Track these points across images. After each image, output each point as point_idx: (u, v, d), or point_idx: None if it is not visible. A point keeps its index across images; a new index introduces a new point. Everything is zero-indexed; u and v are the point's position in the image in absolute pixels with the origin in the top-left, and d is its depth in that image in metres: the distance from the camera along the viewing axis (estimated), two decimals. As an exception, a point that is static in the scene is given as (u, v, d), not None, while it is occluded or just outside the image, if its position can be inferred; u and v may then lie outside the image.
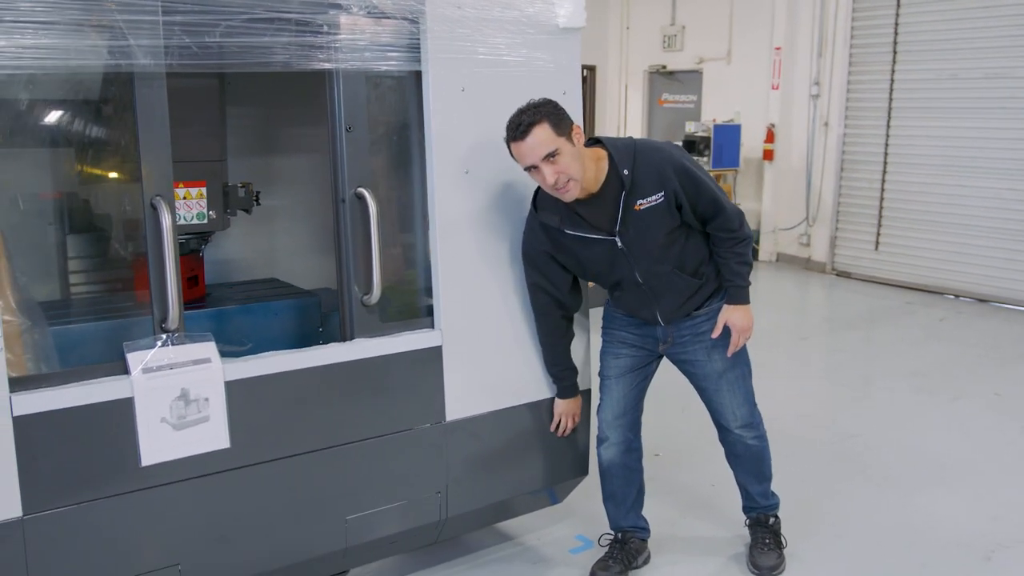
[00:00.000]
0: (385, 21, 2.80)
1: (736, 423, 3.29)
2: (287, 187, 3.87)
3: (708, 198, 2.98)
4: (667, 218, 2.97)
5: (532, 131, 2.74)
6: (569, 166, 2.79)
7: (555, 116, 2.78)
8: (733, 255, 3.07)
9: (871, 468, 4.50)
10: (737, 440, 3.33)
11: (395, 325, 2.95)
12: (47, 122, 3.12)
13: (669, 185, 2.92)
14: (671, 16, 11.44)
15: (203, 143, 3.06)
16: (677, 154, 3.00)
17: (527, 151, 2.77)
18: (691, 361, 3.22)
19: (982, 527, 3.87)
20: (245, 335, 3.17)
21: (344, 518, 2.87)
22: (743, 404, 3.27)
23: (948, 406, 5.53)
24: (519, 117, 2.78)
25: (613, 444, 3.33)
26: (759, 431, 3.36)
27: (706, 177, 3.00)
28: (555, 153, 2.76)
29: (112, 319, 2.96)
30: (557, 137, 2.76)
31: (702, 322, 3.16)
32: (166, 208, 2.44)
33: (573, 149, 2.81)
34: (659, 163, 2.93)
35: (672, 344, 3.20)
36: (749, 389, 3.29)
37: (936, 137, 8.71)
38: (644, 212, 2.94)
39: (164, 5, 2.37)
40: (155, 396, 2.44)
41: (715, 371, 3.21)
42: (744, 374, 3.27)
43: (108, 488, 2.42)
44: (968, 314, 8.05)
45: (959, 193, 8.52)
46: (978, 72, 8.29)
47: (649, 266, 3.03)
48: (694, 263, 3.10)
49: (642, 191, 2.92)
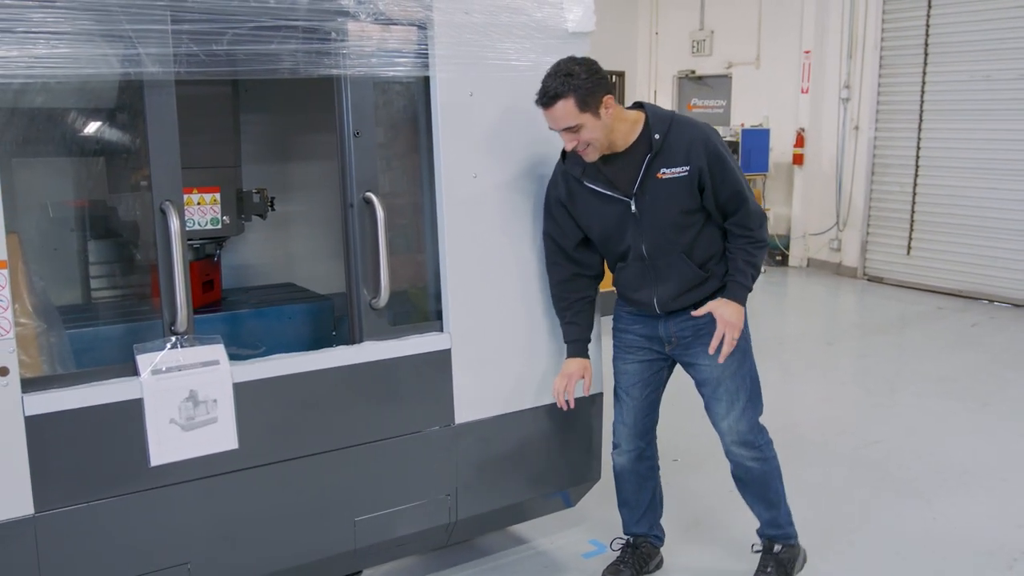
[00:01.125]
0: (393, 27, 2.83)
1: (730, 438, 3.14)
2: (303, 193, 3.92)
3: (732, 189, 2.92)
4: (687, 195, 2.91)
5: (556, 103, 2.76)
6: (589, 137, 2.81)
7: (583, 90, 2.75)
8: (743, 252, 2.99)
9: (894, 474, 4.44)
10: (735, 460, 3.19)
11: (404, 328, 2.98)
12: (68, 131, 3.20)
13: (696, 161, 2.88)
14: (700, 21, 11.40)
15: (217, 149, 3.12)
16: (713, 136, 2.95)
17: (551, 118, 2.82)
18: (693, 364, 3.14)
19: (1006, 535, 3.80)
20: (259, 339, 3.21)
21: (353, 520, 2.89)
22: (741, 418, 3.10)
23: (975, 413, 5.43)
24: (549, 82, 2.77)
25: (624, 451, 3.33)
26: (761, 452, 3.16)
27: (736, 169, 2.95)
28: (576, 128, 2.79)
29: (127, 322, 3.02)
30: (581, 114, 2.76)
31: (704, 325, 3.05)
32: (174, 212, 2.49)
33: (598, 122, 2.80)
34: (692, 137, 2.89)
35: (676, 345, 3.13)
36: (751, 404, 3.11)
37: (969, 140, 8.58)
38: (666, 182, 2.90)
39: (173, 14, 2.42)
40: (164, 397, 2.48)
41: (713, 376, 3.09)
42: (746, 386, 3.10)
43: (118, 488, 2.47)
44: (1001, 319, 7.91)
45: (992, 196, 8.38)
46: (1012, 73, 8.16)
47: (657, 241, 2.97)
48: (704, 255, 3.01)
49: (668, 160, 2.89)
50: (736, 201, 2.95)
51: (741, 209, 2.96)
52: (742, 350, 3.07)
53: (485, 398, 3.13)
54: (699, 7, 11.38)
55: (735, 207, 2.96)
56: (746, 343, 3.11)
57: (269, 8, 2.57)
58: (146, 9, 2.38)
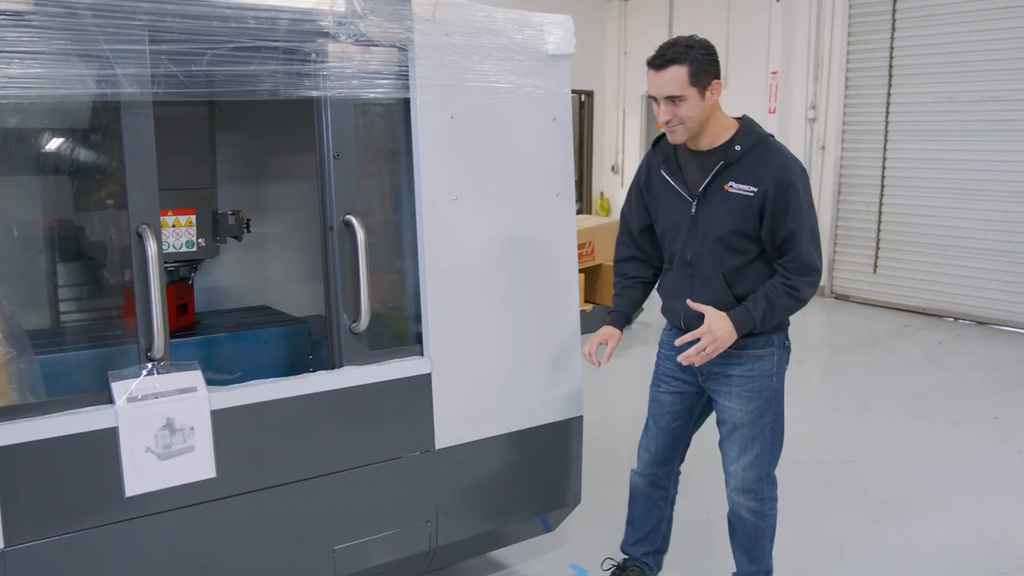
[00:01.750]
0: (373, 49, 2.80)
1: (735, 483, 3.06)
2: (279, 214, 3.87)
3: (791, 228, 2.79)
4: (746, 217, 2.83)
5: (670, 68, 2.75)
6: (687, 115, 2.79)
7: (699, 64, 2.75)
8: (772, 289, 2.83)
9: (867, 493, 4.46)
10: (732, 505, 3.11)
11: (384, 352, 2.94)
12: (37, 150, 3.13)
13: (765, 186, 2.80)
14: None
15: (192, 171, 3.07)
16: (794, 169, 2.84)
17: (658, 82, 2.79)
18: (716, 401, 3.06)
19: (983, 554, 3.83)
20: (234, 363, 3.15)
21: (332, 548, 2.84)
22: (750, 467, 3.01)
23: (946, 430, 5.49)
24: (667, 48, 2.77)
25: (639, 474, 3.33)
26: (762, 507, 3.05)
27: (807, 213, 2.82)
28: (680, 98, 2.77)
29: (99, 348, 2.95)
30: (689, 86, 2.75)
31: (733, 365, 2.95)
32: (151, 236, 2.44)
33: (701, 103, 2.79)
34: (771, 162, 2.83)
35: (707, 377, 3.04)
36: (765, 454, 3.00)
37: (933, 160, 8.74)
38: (730, 195, 2.85)
39: (151, 35, 2.38)
40: (140, 425, 2.42)
41: (732, 419, 3.00)
42: (764, 436, 2.98)
43: (92, 519, 2.40)
44: (967, 337, 8.03)
45: (957, 215, 8.53)
46: (974, 95, 8.33)
47: (704, 252, 2.91)
48: (744, 288, 2.90)
49: (740, 175, 2.84)
50: (791, 243, 2.81)
51: (793, 251, 2.82)
52: (767, 399, 2.97)
53: (465, 423, 3.10)
54: (667, 27, 11.48)
55: (788, 248, 2.83)
56: (776, 394, 3.00)
57: (249, 29, 2.53)
58: (124, 29, 2.33)
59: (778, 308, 2.84)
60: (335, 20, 2.71)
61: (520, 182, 3.16)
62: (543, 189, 3.24)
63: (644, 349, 7.29)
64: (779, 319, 2.90)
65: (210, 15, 2.46)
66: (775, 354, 2.99)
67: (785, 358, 3.05)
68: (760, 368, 2.98)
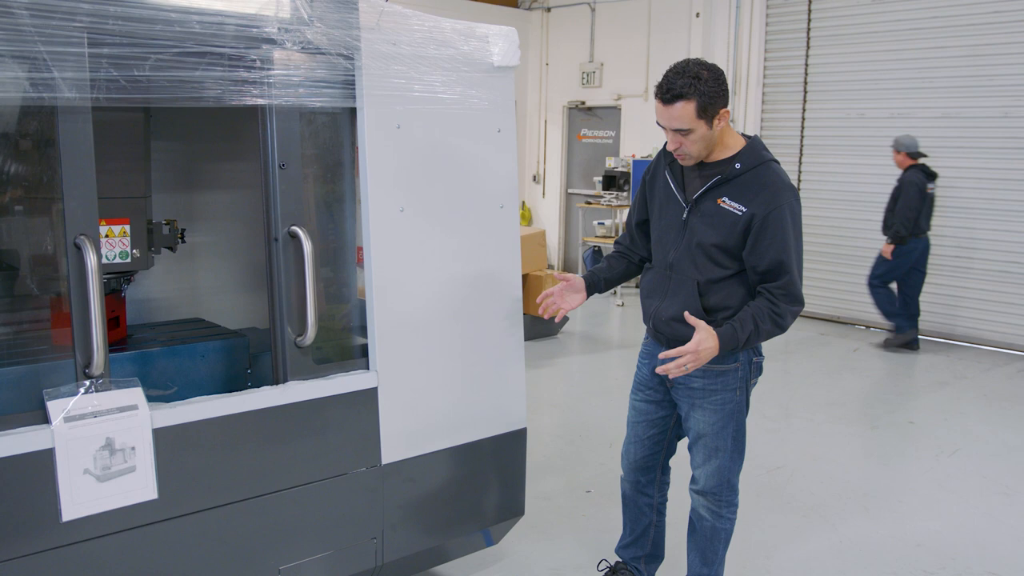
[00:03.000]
0: (319, 57, 2.75)
1: (695, 485, 3.14)
2: (209, 223, 3.75)
3: (779, 257, 2.80)
4: (731, 234, 2.85)
5: (676, 104, 2.76)
6: (693, 146, 2.83)
7: (707, 98, 2.74)
8: (758, 312, 2.82)
9: (799, 499, 4.57)
10: (694, 504, 3.18)
11: (330, 367, 2.87)
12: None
13: (756, 208, 2.81)
14: (590, 53, 11.64)
15: (127, 179, 2.94)
16: (788, 198, 2.83)
17: (665, 115, 2.81)
18: (679, 410, 3.14)
19: (907, 554, 3.97)
20: (171, 378, 3.04)
21: (277, 568, 2.76)
22: (713, 475, 3.07)
23: (867, 436, 5.68)
24: (675, 80, 2.75)
25: (625, 480, 3.38)
26: (719, 510, 3.12)
27: (795, 244, 2.82)
28: (687, 132, 2.79)
29: (26, 364, 2.79)
30: (697, 120, 2.77)
31: (696, 378, 3.00)
32: (91, 247, 2.33)
33: (708, 133, 2.81)
34: (766, 187, 2.83)
35: (672, 386, 3.10)
36: (729, 463, 3.06)
37: (845, 174, 9.06)
38: (721, 210, 2.88)
39: (90, 37, 2.28)
40: (78, 446, 2.30)
41: (695, 429, 3.07)
42: (726, 446, 3.03)
43: (25, 546, 2.27)
44: (879, 344, 8.32)
45: (867, 228, 8.83)
46: (884, 112, 8.67)
47: (685, 259, 2.95)
48: (717, 302, 2.93)
49: (734, 193, 2.87)
50: (781, 272, 2.82)
51: (783, 279, 2.82)
52: (729, 412, 3.01)
53: (412, 437, 3.05)
54: (589, 40, 11.63)
55: (777, 275, 2.82)
56: (739, 407, 3.04)
57: (194, 34, 2.45)
58: (62, 30, 2.23)
59: (762, 333, 2.83)
60: (281, 26, 2.64)
61: (466, 194, 3.14)
62: (488, 201, 3.22)
63: (569, 359, 7.34)
64: (757, 343, 2.89)
65: (153, 18, 2.38)
66: (739, 370, 3.02)
67: (752, 373, 3.06)
68: (723, 383, 3.01)
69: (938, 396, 6.65)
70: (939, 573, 3.81)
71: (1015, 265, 8.02)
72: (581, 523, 4.17)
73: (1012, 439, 5.65)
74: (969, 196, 8.23)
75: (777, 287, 2.83)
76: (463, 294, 3.15)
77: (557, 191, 12.32)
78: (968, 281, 8.33)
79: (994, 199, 8.09)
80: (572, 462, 5.03)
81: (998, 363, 7.70)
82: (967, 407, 6.37)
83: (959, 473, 5.02)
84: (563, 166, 12.25)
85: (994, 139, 8.03)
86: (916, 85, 8.44)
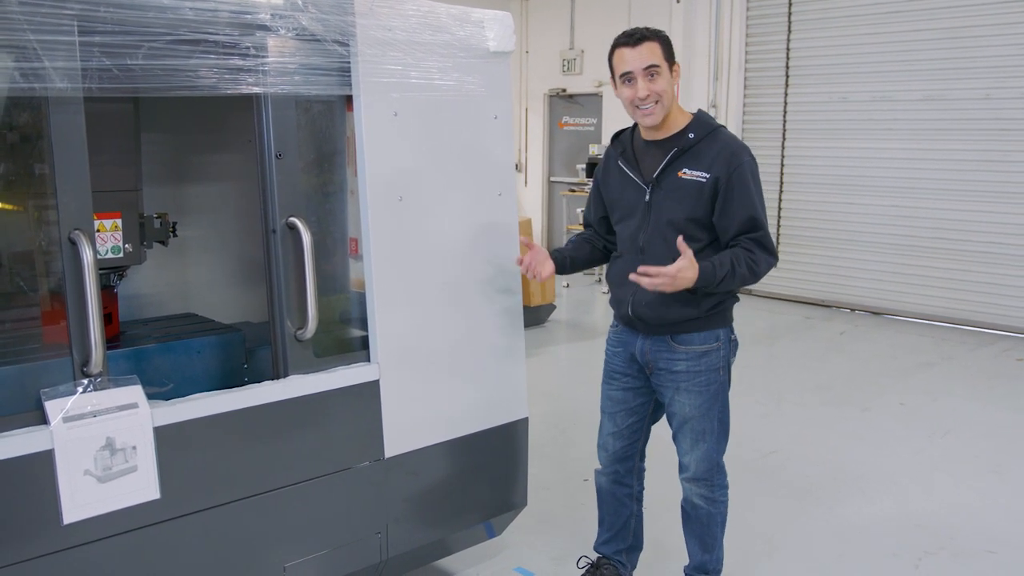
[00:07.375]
0: (314, 43, 2.68)
1: (686, 473, 3.13)
2: (199, 216, 3.68)
3: (749, 213, 2.86)
4: (699, 202, 2.89)
5: (644, 43, 2.87)
6: (663, 89, 2.88)
7: (667, 44, 2.93)
8: (737, 258, 2.82)
9: (795, 484, 4.57)
10: (686, 493, 3.18)
11: (330, 360, 2.82)
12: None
13: (717, 171, 2.86)
14: (570, 40, 11.59)
15: (118, 172, 2.87)
16: (744, 156, 2.90)
17: (634, 57, 2.87)
18: (663, 395, 3.11)
19: (907, 535, 3.98)
20: (166, 375, 2.97)
21: (283, 566, 2.71)
22: (703, 460, 3.07)
23: (858, 419, 5.69)
24: (636, 29, 2.92)
25: (602, 473, 3.33)
26: (712, 494, 3.13)
27: (758, 199, 2.90)
28: (657, 71, 2.87)
29: (21, 363, 2.72)
30: (663, 60, 2.89)
31: (678, 361, 3.01)
32: (86, 242, 2.26)
33: (670, 79, 2.91)
34: (723, 149, 2.90)
35: (653, 372, 3.08)
36: (716, 445, 3.08)
37: (828, 157, 9.07)
38: (684, 182, 2.91)
39: (81, 25, 2.20)
40: (78, 447, 2.24)
41: (680, 413, 3.06)
42: (712, 428, 3.05)
43: (26, 550, 2.21)
44: (864, 327, 8.36)
45: (850, 211, 8.88)
46: (866, 95, 8.68)
47: (656, 239, 2.95)
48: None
49: (693, 162, 2.91)
50: (754, 226, 2.87)
51: (759, 232, 2.87)
52: (714, 393, 3.02)
53: (414, 429, 3.01)
54: (569, 27, 11.57)
55: (752, 229, 2.87)
56: (722, 387, 3.06)
57: (187, 21, 2.38)
58: (52, 18, 2.15)
59: (737, 276, 2.84)
60: (274, 12, 2.58)
61: (464, 182, 3.09)
62: (486, 189, 3.18)
63: (558, 348, 7.32)
64: (730, 288, 2.91)
65: (145, 5, 2.30)
66: (720, 349, 3.04)
67: (732, 351, 3.10)
68: (707, 363, 3.02)
69: (926, 377, 6.69)
70: (939, 553, 3.82)
71: (997, 246, 8.07)
72: (580, 512, 4.15)
73: (1002, 418, 5.70)
74: (951, 178, 8.27)
75: (753, 238, 2.88)
76: (463, 283, 3.10)
77: (539, 179, 12.27)
78: (949, 262, 8.37)
79: (976, 180, 8.13)
80: (566, 449, 5.01)
81: (983, 343, 7.75)
82: (956, 387, 6.41)
83: (952, 453, 5.05)
84: (545, 154, 12.20)
85: (976, 120, 8.06)
86: (898, 68, 8.45)
